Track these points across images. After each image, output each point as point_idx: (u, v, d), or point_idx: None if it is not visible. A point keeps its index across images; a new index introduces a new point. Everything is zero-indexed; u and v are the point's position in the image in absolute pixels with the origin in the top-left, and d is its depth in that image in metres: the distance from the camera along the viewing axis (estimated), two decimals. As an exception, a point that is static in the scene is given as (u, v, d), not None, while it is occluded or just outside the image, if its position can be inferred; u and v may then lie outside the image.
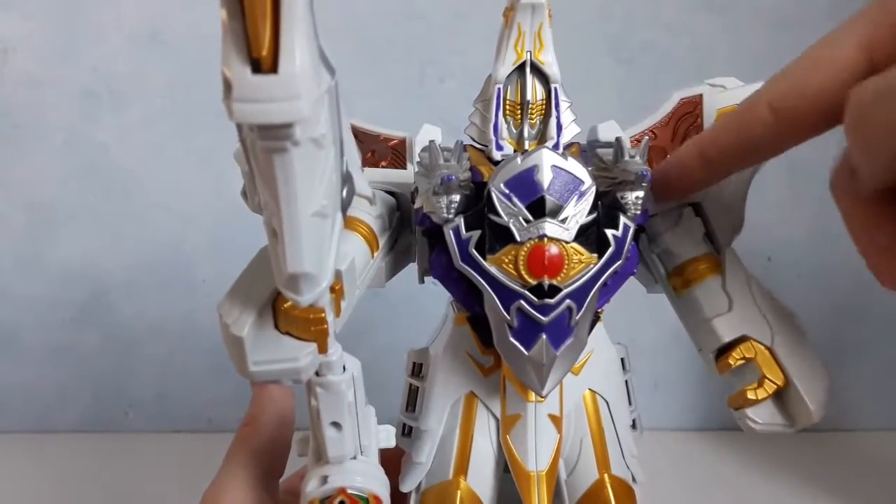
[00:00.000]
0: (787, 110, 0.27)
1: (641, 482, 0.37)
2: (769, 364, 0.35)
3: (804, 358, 0.35)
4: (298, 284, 0.24)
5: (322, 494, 0.32)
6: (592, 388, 0.37)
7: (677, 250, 0.37)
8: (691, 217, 0.37)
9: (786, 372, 0.35)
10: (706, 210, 0.37)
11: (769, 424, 0.35)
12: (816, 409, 0.34)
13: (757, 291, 0.36)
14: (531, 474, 0.35)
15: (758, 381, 0.35)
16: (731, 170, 0.32)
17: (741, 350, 0.35)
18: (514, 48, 0.32)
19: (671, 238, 0.37)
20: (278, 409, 0.40)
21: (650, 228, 0.37)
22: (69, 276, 0.76)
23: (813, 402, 0.34)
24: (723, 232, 0.37)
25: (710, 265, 0.37)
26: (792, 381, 0.35)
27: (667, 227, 0.37)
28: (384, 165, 0.37)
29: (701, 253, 0.37)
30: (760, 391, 0.35)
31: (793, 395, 0.35)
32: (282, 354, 0.27)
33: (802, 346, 0.35)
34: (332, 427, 0.31)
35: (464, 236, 0.30)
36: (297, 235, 0.23)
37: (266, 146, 0.21)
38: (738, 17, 0.71)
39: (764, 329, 0.35)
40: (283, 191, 0.22)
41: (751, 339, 0.35)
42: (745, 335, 0.35)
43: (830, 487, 0.68)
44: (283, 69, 0.19)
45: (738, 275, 0.36)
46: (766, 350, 0.35)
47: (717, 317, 0.35)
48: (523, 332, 0.30)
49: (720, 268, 0.36)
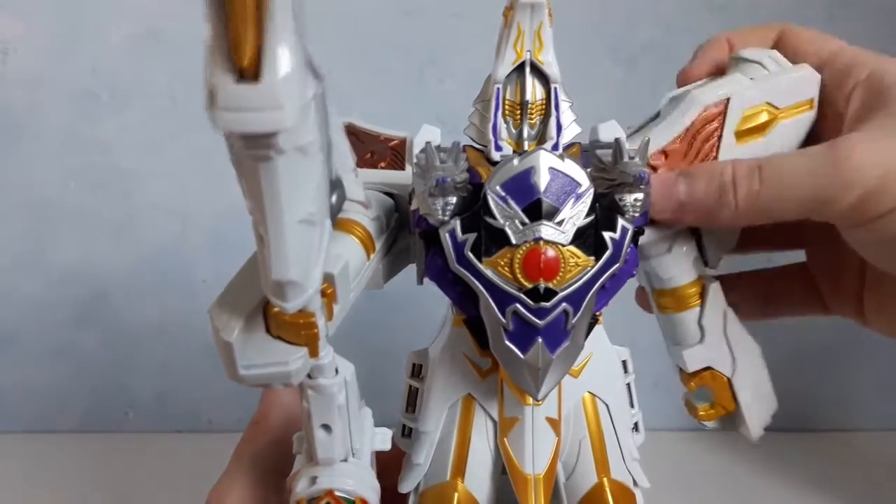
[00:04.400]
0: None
1: (643, 486, 0.37)
2: (724, 392, 0.39)
3: (757, 389, 0.39)
4: (284, 291, 0.24)
5: (309, 495, 0.32)
6: (592, 391, 0.36)
7: (665, 276, 0.38)
8: (686, 242, 0.38)
9: (737, 399, 0.39)
10: (703, 231, 0.38)
11: (716, 429, 0.41)
12: (755, 432, 0.40)
13: (731, 327, 0.38)
14: (528, 477, 0.34)
15: (710, 403, 0.40)
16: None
17: (701, 379, 0.39)
18: (514, 48, 0.32)
19: (660, 264, 0.38)
20: (286, 409, 0.41)
21: (642, 247, 0.37)
22: (69, 276, 0.76)
23: (754, 427, 0.40)
24: (716, 252, 0.38)
25: (694, 293, 0.38)
26: (740, 407, 0.39)
27: (658, 253, 0.37)
28: (383, 166, 0.37)
29: (687, 281, 0.38)
30: (712, 413, 0.40)
31: (738, 416, 0.40)
32: (272, 358, 0.27)
33: (758, 379, 0.39)
34: (322, 429, 0.31)
35: (459, 239, 0.30)
36: (283, 243, 0.23)
37: (250, 155, 0.21)
38: (739, 17, 0.71)
39: (727, 362, 0.39)
40: (269, 199, 0.22)
41: (713, 370, 0.39)
42: (709, 367, 0.39)
43: (830, 487, 0.68)
44: (266, 78, 0.19)
45: (715, 311, 0.38)
46: (725, 380, 0.39)
47: (687, 347, 0.39)
48: (519, 335, 0.30)
49: (701, 298, 0.38)
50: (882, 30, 0.71)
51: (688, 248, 0.38)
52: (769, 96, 0.36)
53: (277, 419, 0.40)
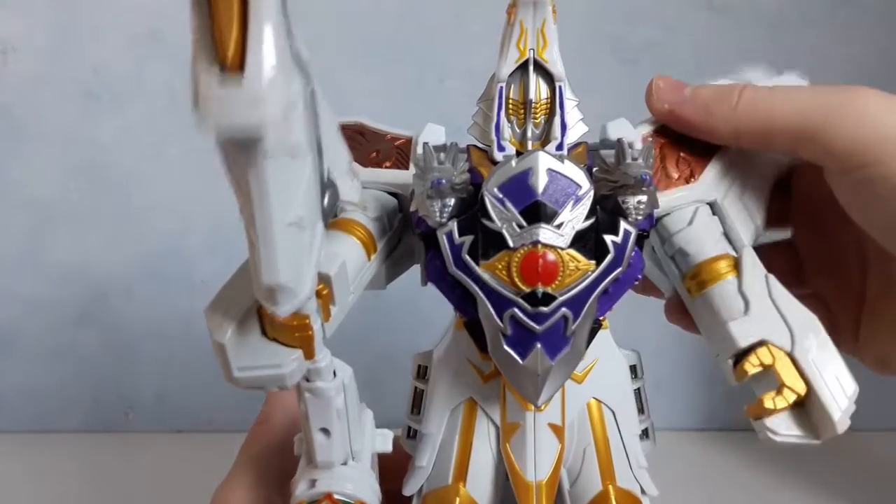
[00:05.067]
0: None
1: (651, 494, 0.36)
2: (789, 371, 0.32)
3: (828, 364, 0.32)
4: (275, 296, 0.24)
5: (309, 498, 0.32)
6: (597, 397, 0.35)
7: (692, 250, 0.34)
8: (707, 215, 0.35)
9: (807, 380, 0.32)
10: (724, 209, 0.35)
11: (789, 435, 0.32)
12: (840, 420, 0.31)
13: (777, 293, 0.33)
14: (530, 484, 0.34)
15: (776, 389, 0.32)
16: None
17: (758, 356, 0.32)
18: (517, 46, 0.32)
19: (684, 237, 0.35)
20: (290, 409, 0.40)
21: (663, 230, 0.35)
22: (69, 276, 0.76)
23: (836, 412, 0.31)
24: (743, 231, 0.35)
25: (727, 266, 0.34)
26: (814, 389, 0.32)
27: (680, 227, 0.35)
28: (388, 166, 0.36)
29: (716, 253, 0.34)
30: (779, 399, 0.32)
31: (815, 404, 0.32)
32: (266, 361, 0.27)
33: (826, 352, 0.32)
34: (320, 433, 0.31)
35: (457, 241, 0.29)
36: (272, 246, 0.23)
37: (237, 153, 0.21)
38: (739, 17, 0.70)
39: (783, 333, 0.32)
40: (257, 202, 0.22)
41: (769, 344, 0.32)
42: (764, 340, 0.32)
43: (831, 487, 0.68)
44: (249, 72, 0.18)
45: (756, 276, 0.33)
46: (786, 356, 0.32)
47: (732, 321, 0.32)
48: (517, 340, 0.29)
49: (737, 269, 0.34)
50: (882, 30, 0.71)
51: (710, 220, 0.35)
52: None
53: (281, 419, 0.40)
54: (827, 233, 0.39)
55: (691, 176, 0.35)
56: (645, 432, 0.37)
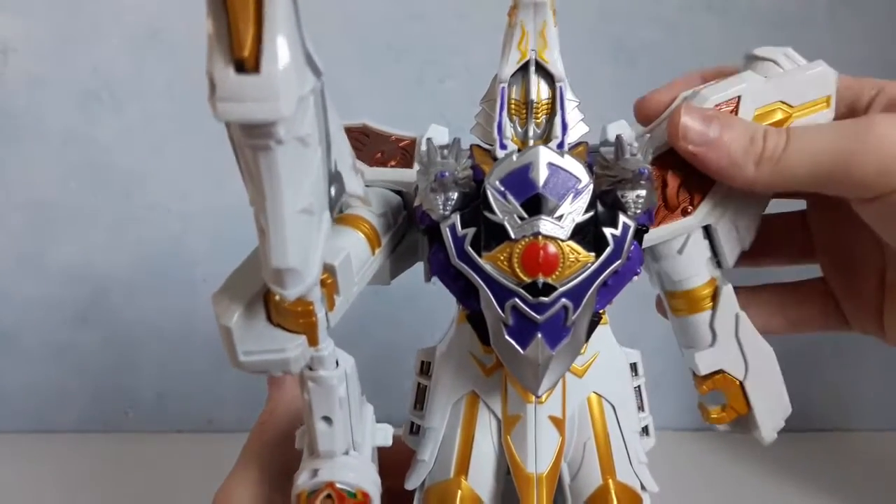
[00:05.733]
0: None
1: (651, 490, 0.36)
2: (736, 396, 0.39)
3: (770, 392, 0.39)
4: (283, 279, 0.25)
5: (311, 487, 0.32)
6: (597, 391, 0.36)
7: (677, 278, 0.38)
8: (698, 242, 0.37)
9: (749, 403, 0.39)
10: (717, 233, 0.37)
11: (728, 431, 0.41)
12: (768, 436, 0.39)
13: (743, 331, 0.38)
14: (531, 476, 0.34)
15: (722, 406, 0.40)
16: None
17: (713, 382, 0.39)
18: (518, 48, 0.32)
19: (672, 266, 0.37)
20: (292, 408, 0.41)
21: (653, 248, 0.37)
22: (69, 276, 0.76)
23: (766, 431, 0.39)
24: (731, 252, 0.38)
25: (706, 296, 0.38)
26: (752, 410, 0.39)
27: (669, 254, 0.37)
28: (393, 165, 0.37)
29: (700, 284, 0.38)
30: (724, 416, 0.40)
31: (751, 419, 0.39)
32: (271, 345, 0.28)
33: (771, 382, 0.39)
34: (323, 421, 0.32)
35: (459, 233, 0.30)
36: (282, 231, 0.23)
37: (251, 144, 0.21)
38: (739, 17, 0.71)
39: (739, 366, 0.38)
40: (269, 187, 0.22)
41: (725, 373, 0.39)
42: (721, 370, 0.39)
43: (830, 487, 0.68)
44: (265, 69, 0.19)
45: (727, 314, 0.38)
46: (737, 383, 0.39)
47: (699, 351, 0.38)
48: (518, 330, 0.30)
49: (713, 301, 0.38)
50: (882, 30, 0.71)
51: (700, 248, 0.37)
52: (783, 94, 0.35)
53: (284, 417, 0.40)
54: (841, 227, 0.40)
55: (690, 204, 0.36)
56: (645, 429, 0.38)
